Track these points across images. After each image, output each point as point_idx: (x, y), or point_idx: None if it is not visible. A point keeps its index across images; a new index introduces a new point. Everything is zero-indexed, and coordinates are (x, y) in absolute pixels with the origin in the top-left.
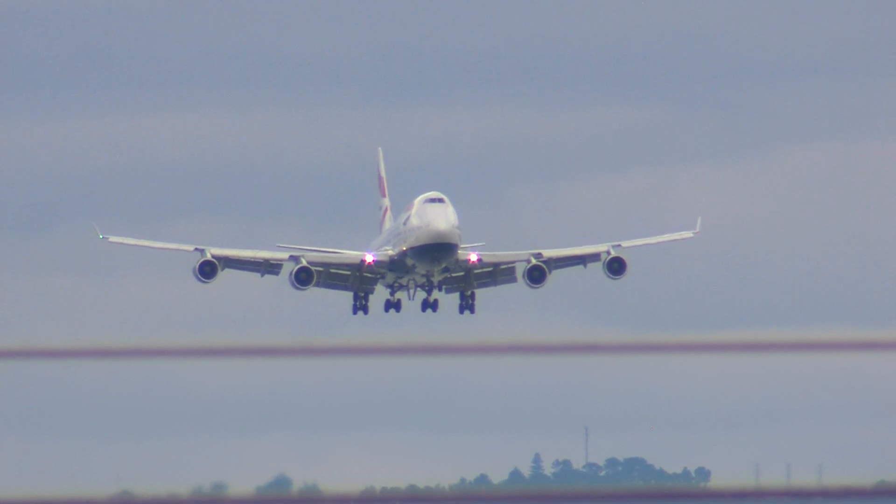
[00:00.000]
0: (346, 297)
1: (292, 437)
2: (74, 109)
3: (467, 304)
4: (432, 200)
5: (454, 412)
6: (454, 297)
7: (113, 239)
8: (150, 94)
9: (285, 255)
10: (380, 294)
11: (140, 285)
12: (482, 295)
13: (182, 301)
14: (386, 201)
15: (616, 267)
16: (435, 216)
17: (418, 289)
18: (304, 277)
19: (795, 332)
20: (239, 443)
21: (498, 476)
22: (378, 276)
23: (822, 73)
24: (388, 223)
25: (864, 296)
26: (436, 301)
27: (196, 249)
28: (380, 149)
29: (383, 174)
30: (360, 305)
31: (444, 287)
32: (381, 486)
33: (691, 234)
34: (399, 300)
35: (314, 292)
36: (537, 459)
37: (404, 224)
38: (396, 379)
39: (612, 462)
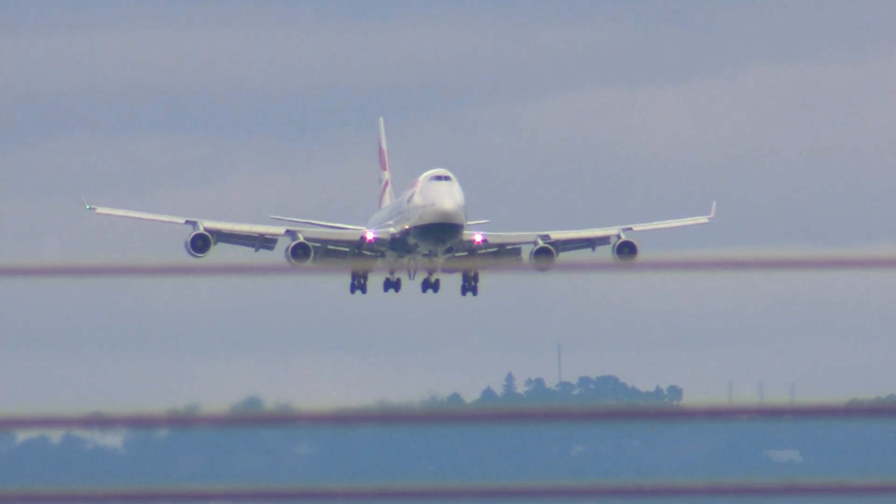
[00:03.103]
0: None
1: (263, 358)
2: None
3: (470, 286)
4: (438, 178)
5: (427, 332)
6: (456, 278)
7: (101, 210)
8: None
9: (281, 230)
10: (378, 272)
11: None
12: (485, 276)
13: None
14: (386, 174)
15: (626, 251)
16: (441, 194)
17: (419, 268)
18: (300, 253)
19: (767, 250)
20: (211, 364)
21: (471, 395)
22: (378, 254)
23: None
24: (388, 198)
25: (831, 214)
26: (437, 281)
27: (188, 222)
28: (381, 119)
29: (384, 146)
30: (358, 284)
31: (446, 267)
32: (353, 404)
33: (706, 220)
34: (399, 279)
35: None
36: (510, 378)
37: (408, 201)
38: (369, 300)
39: (584, 381)
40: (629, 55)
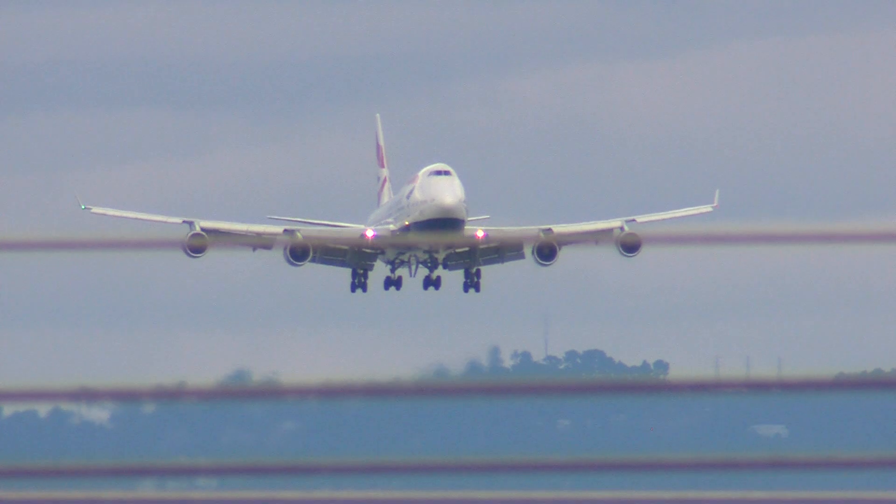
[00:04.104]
0: (343, 274)
1: (251, 332)
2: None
3: (472, 283)
4: (438, 173)
5: (413, 305)
6: (458, 275)
7: (96, 210)
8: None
9: (279, 229)
10: (379, 270)
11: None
12: (487, 272)
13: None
14: (384, 171)
15: (630, 244)
16: (441, 190)
17: (420, 265)
18: (299, 253)
19: (754, 224)
20: (198, 338)
21: (457, 368)
22: (378, 251)
23: None
24: (386, 195)
25: (817, 189)
26: (438, 278)
27: (185, 222)
28: (378, 115)
29: (381, 142)
30: (359, 283)
31: (448, 264)
32: (339, 378)
33: (709, 209)
34: (400, 277)
35: (309, 268)
36: (496, 352)
37: (407, 197)
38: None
39: (571, 355)
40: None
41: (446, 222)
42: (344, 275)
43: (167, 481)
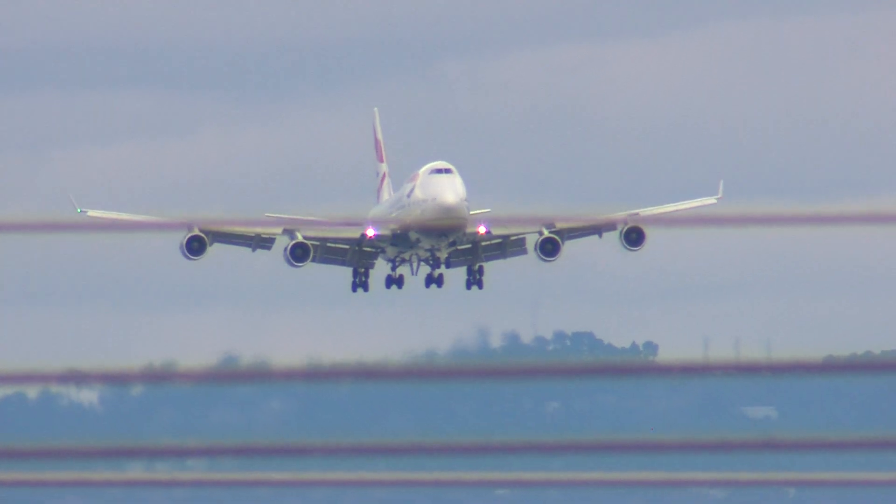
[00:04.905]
0: (345, 273)
1: (239, 314)
2: None
3: (475, 280)
4: (439, 171)
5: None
6: (460, 272)
7: (92, 213)
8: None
9: (279, 230)
10: (380, 269)
11: None
12: (490, 268)
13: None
14: (384, 167)
15: (634, 237)
16: (442, 188)
17: (422, 263)
18: (299, 254)
19: (743, 205)
20: (187, 320)
21: (445, 350)
22: (378, 250)
23: None
24: (386, 191)
25: (806, 170)
26: (440, 276)
27: (182, 224)
28: (376, 109)
29: (380, 136)
30: (360, 282)
31: (449, 261)
32: (328, 360)
33: (714, 200)
34: (401, 275)
35: (310, 267)
36: (484, 334)
37: (408, 196)
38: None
39: (559, 336)
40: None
41: (448, 221)
42: (345, 273)
43: (156, 463)
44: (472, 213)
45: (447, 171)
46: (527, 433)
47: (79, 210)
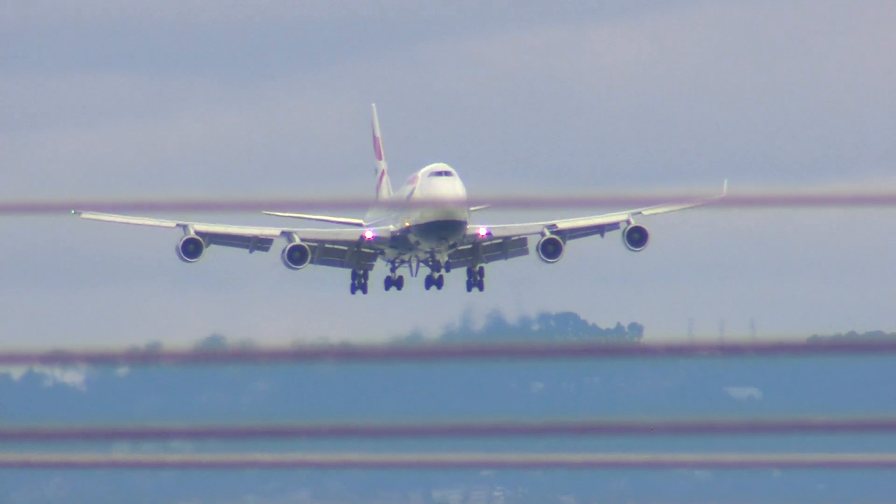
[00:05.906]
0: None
1: (224, 296)
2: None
3: (475, 281)
4: (439, 174)
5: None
6: (460, 273)
7: (87, 215)
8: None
9: (277, 231)
10: (379, 270)
11: None
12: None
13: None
14: (382, 164)
15: (637, 237)
16: (442, 192)
17: (421, 264)
18: (297, 256)
19: (727, 186)
20: (172, 301)
21: (429, 331)
22: (378, 252)
23: None
24: (385, 188)
25: (790, 150)
26: (440, 278)
27: (178, 225)
28: (373, 105)
29: (378, 133)
30: (359, 284)
31: (450, 262)
32: (313, 342)
33: (718, 198)
34: (400, 277)
35: (308, 269)
36: (468, 313)
37: (407, 198)
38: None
39: (544, 316)
40: None
41: (448, 224)
42: (344, 272)
43: (141, 444)
44: (472, 209)
45: (447, 173)
46: (511, 414)
47: (73, 212)
